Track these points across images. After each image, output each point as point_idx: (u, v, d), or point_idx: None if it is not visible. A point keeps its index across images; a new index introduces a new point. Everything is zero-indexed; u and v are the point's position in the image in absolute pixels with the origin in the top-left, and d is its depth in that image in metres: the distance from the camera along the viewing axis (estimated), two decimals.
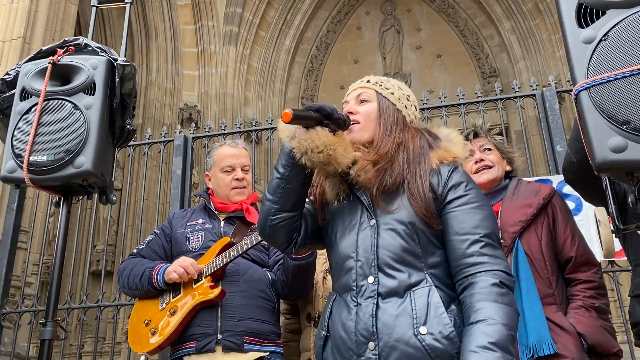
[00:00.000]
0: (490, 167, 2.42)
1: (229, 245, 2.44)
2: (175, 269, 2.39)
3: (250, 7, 10.88)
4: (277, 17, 11.26)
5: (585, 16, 1.45)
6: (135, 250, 2.66)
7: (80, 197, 1.99)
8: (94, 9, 2.42)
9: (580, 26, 1.44)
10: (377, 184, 1.50)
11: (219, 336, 2.33)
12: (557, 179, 3.61)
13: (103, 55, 1.97)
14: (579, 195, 3.60)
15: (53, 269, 1.85)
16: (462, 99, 4.63)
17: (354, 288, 1.48)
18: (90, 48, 2.01)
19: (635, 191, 1.50)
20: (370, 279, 1.45)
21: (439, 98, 4.74)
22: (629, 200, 1.55)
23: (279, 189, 1.55)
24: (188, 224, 2.63)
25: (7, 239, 4.65)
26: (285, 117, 1.45)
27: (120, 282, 2.58)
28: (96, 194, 1.96)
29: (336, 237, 1.58)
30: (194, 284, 2.42)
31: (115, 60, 1.95)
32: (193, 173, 4.97)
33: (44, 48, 2.03)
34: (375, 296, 1.43)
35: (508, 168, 2.49)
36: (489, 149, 2.47)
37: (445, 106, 4.63)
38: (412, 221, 1.47)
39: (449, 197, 1.50)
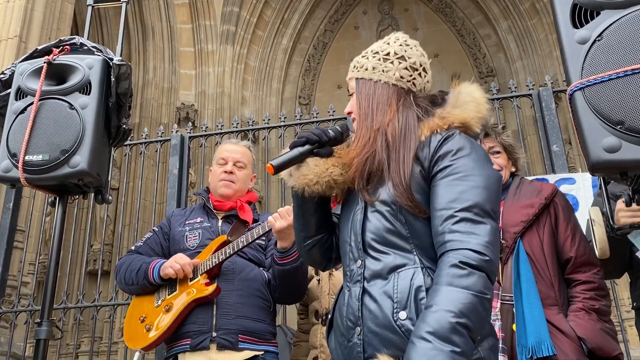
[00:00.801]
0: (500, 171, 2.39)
1: (225, 244, 2.44)
2: (172, 265, 2.40)
3: (248, 6, 10.87)
4: (274, 16, 11.25)
5: (580, 17, 1.45)
6: (133, 247, 2.67)
7: (76, 197, 1.99)
8: (90, 7, 2.41)
9: (575, 26, 1.45)
10: (357, 178, 1.46)
11: (214, 334, 2.33)
12: (553, 179, 3.61)
13: (99, 55, 1.97)
14: (574, 195, 3.62)
15: (49, 268, 1.85)
16: None
17: (348, 273, 1.47)
18: (86, 47, 2.01)
19: (630, 191, 1.51)
20: (358, 263, 1.43)
21: None
22: (623, 200, 1.56)
23: (300, 219, 1.60)
24: (187, 222, 2.64)
25: (3, 238, 4.64)
26: (269, 171, 1.47)
27: (118, 277, 2.59)
28: (92, 194, 1.96)
29: (339, 227, 1.58)
30: (190, 281, 2.43)
31: (111, 59, 1.95)
32: (190, 172, 4.96)
33: (39, 47, 2.02)
34: (362, 280, 1.40)
35: (513, 169, 2.48)
36: (498, 152, 2.45)
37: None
38: (395, 200, 1.39)
39: (434, 170, 1.38)
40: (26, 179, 1.80)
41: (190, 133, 5.08)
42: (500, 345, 2.10)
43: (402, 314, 1.30)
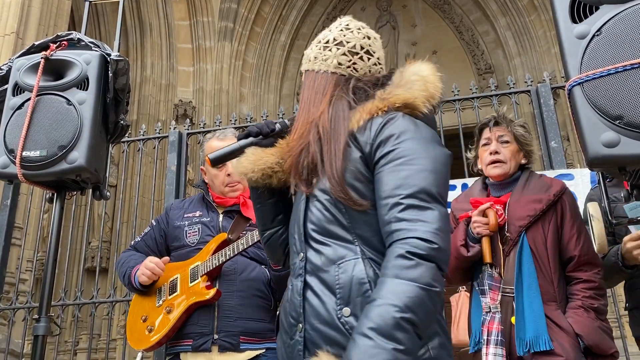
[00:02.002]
0: (503, 162, 2.36)
1: (225, 242, 2.42)
2: (143, 272, 2.41)
3: (246, 2, 10.84)
4: (272, 12, 11.23)
5: (579, 11, 1.45)
6: (132, 243, 2.66)
7: (74, 193, 1.98)
8: (87, 3, 2.40)
9: (574, 21, 1.45)
10: (293, 170, 1.42)
11: (215, 336, 2.32)
12: (551, 175, 3.61)
13: (96, 50, 1.96)
14: (573, 190, 3.62)
15: (47, 264, 1.84)
16: (457, 95, 4.63)
17: (292, 267, 1.39)
18: (84, 43, 2.00)
19: (628, 186, 1.51)
20: (301, 256, 1.34)
21: None
22: (622, 195, 1.56)
23: (256, 210, 1.59)
24: (185, 215, 2.60)
25: (0, 235, 4.63)
26: (208, 163, 1.53)
27: (118, 275, 2.60)
28: (90, 190, 1.96)
29: (290, 220, 1.50)
30: (191, 282, 2.42)
31: (109, 55, 1.94)
32: (188, 169, 4.96)
33: (36, 43, 2.02)
34: (303, 273, 1.32)
35: (523, 161, 2.43)
36: (507, 141, 2.41)
37: (441, 102, 4.62)
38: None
39: (377, 156, 1.29)
40: (24, 175, 1.79)
41: (188, 130, 5.07)
42: (499, 337, 2.11)
43: (346, 310, 1.21)
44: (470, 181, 3.53)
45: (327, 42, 1.50)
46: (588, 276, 2.18)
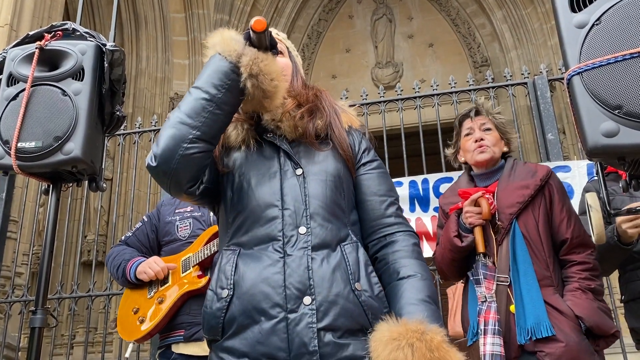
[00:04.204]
0: (489, 147, 2.40)
1: (217, 234, 2.43)
2: (146, 271, 2.42)
3: None
4: (268, 5, 11.17)
5: (579, 0, 1.44)
6: (123, 238, 2.67)
7: (70, 185, 1.97)
8: None
9: (573, 10, 1.44)
10: (311, 123, 1.44)
11: None
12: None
13: (91, 41, 1.94)
14: (569, 182, 3.63)
15: (43, 255, 1.83)
16: (454, 87, 4.63)
17: (280, 238, 1.33)
18: (79, 33, 1.98)
19: (626, 176, 1.51)
20: (302, 229, 1.34)
21: (431, 87, 4.74)
22: (620, 185, 1.55)
23: (204, 113, 1.31)
24: (176, 211, 2.62)
25: None
26: (259, 25, 1.27)
27: (108, 269, 2.60)
28: (86, 182, 1.94)
29: (249, 185, 1.41)
30: (182, 273, 2.42)
31: (104, 45, 1.92)
32: None
33: (30, 33, 1.99)
34: (309, 247, 1.32)
35: (505, 149, 2.47)
36: (489, 129, 2.44)
37: (437, 95, 4.63)
38: (339, 173, 1.44)
39: (364, 160, 1.51)
40: (19, 166, 1.77)
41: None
42: (496, 327, 2.11)
43: (358, 285, 1.31)
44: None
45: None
46: (582, 258, 2.19)
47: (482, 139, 2.40)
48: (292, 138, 1.47)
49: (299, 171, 1.41)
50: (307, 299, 1.27)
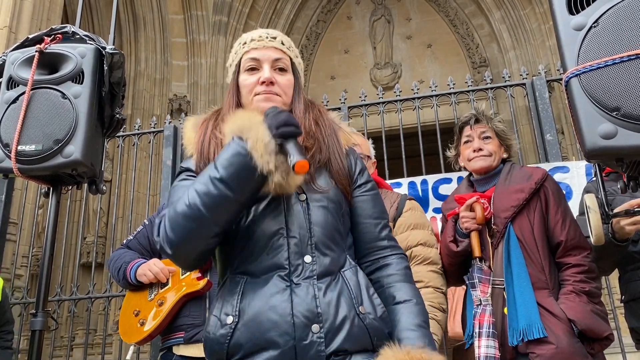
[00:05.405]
0: (487, 156, 2.41)
1: None
2: (145, 273, 2.43)
3: None
4: (266, 6, 11.18)
5: (576, 3, 1.45)
6: (124, 241, 2.69)
7: (70, 187, 1.97)
8: None
9: (571, 13, 1.45)
10: (312, 164, 1.40)
11: None
12: (547, 167, 3.62)
13: (91, 44, 1.94)
14: (568, 183, 3.64)
15: (43, 258, 1.83)
16: (453, 88, 4.64)
17: (286, 267, 1.34)
18: (78, 36, 1.98)
19: (624, 178, 1.51)
20: (308, 258, 1.35)
21: (430, 88, 4.75)
22: (619, 186, 1.56)
23: (224, 206, 1.30)
24: None
25: None
26: (305, 169, 1.25)
27: (110, 272, 2.62)
28: (86, 184, 1.95)
29: (254, 212, 1.39)
30: (182, 275, 2.44)
31: (104, 48, 1.93)
32: None
33: (30, 36, 1.99)
34: (315, 276, 1.34)
35: (505, 155, 2.48)
36: (489, 137, 2.45)
37: (436, 96, 4.64)
38: (339, 200, 1.44)
39: (360, 181, 1.51)
40: (19, 169, 1.77)
41: (183, 124, 5.04)
42: (491, 330, 2.12)
43: (362, 309, 1.34)
44: (465, 175, 3.53)
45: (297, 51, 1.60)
46: (577, 260, 2.19)
47: (480, 149, 2.42)
48: None
49: (302, 197, 1.40)
50: (315, 327, 1.29)
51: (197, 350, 2.35)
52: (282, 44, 1.52)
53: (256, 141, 1.29)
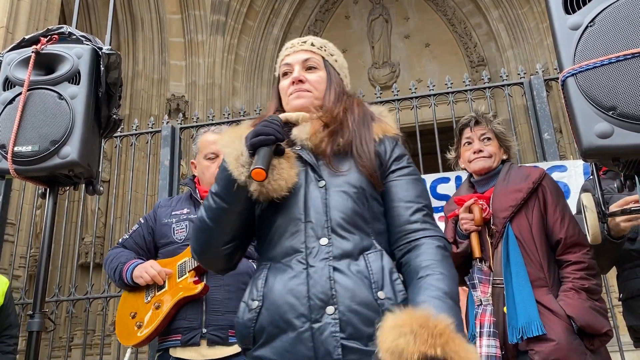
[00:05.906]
0: (487, 157, 2.43)
1: None
2: (142, 275, 2.42)
3: None
4: (264, 6, 11.17)
5: (572, 2, 1.45)
6: (120, 240, 2.67)
7: (67, 188, 1.97)
8: None
9: (567, 12, 1.45)
10: (330, 145, 1.47)
11: (204, 330, 2.35)
12: (545, 166, 3.63)
13: (87, 44, 1.94)
14: (566, 182, 3.65)
15: (40, 258, 1.83)
16: (451, 87, 4.64)
17: (302, 250, 1.39)
18: (75, 37, 1.98)
19: (621, 177, 1.52)
20: (324, 240, 1.38)
21: (428, 87, 4.75)
22: (615, 186, 1.56)
23: (229, 216, 1.45)
24: (173, 213, 2.62)
25: None
26: (261, 177, 1.32)
27: (106, 272, 2.61)
28: (83, 185, 1.94)
29: (278, 205, 1.46)
30: (178, 278, 2.43)
31: (100, 48, 1.92)
32: (181, 164, 4.94)
33: (27, 37, 1.99)
34: (331, 258, 1.36)
35: (504, 157, 2.51)
36: (489, 139, 2.48)
37: (434, 95, 4.64)
38: (362, 185, 1.45)
39: (393, 167, 1.52)
40: (16, 170, 1.77)
41: (181, 124, 5.05)
42: (492, 329, 2.13)
43: (381, 294, 1.33)
44: (463, 174, 3.54)
45: (337, 53, 1.73)
46: (577, 257, 2.21)
47: (480, 151, 2.45)
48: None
49: (321, 183, 1.45)
50: (329, 309, 1.31)
51: (193, 353, 2.34)
52: (312, 45, 1.66)
53: (229, 155, 1.42)
